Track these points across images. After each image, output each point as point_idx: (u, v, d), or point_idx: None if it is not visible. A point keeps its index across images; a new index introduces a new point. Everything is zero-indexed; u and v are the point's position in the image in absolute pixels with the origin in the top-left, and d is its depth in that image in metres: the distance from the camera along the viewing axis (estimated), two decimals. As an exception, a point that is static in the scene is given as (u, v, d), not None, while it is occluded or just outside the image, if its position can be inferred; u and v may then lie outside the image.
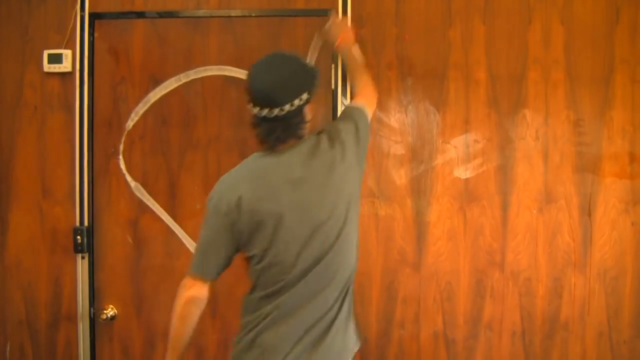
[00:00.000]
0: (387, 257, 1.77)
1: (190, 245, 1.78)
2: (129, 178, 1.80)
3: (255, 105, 1.33)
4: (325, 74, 1.76)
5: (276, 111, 1.30)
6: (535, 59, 1.76)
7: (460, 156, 1.76)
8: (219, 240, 1.33)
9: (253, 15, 1.78)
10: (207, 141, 1.79)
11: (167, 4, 1.81)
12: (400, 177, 1.76)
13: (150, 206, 1.79)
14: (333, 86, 1.76)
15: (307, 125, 1.37)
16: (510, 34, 1.76)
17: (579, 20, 1.76)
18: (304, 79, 1.35)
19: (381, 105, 1.77)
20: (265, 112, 1.31)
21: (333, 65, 1.75)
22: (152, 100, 1.79)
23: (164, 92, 1.79)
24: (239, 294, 1.76)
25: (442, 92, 1.77)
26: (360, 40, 1.75)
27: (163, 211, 1.79)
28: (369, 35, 1.77)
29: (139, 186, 1.79)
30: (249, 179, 1.33)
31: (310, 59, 1.76)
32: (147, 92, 1.80)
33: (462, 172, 1.76)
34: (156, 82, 1.80)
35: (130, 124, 1.80)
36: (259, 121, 1.34)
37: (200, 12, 1.80)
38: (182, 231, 1.79)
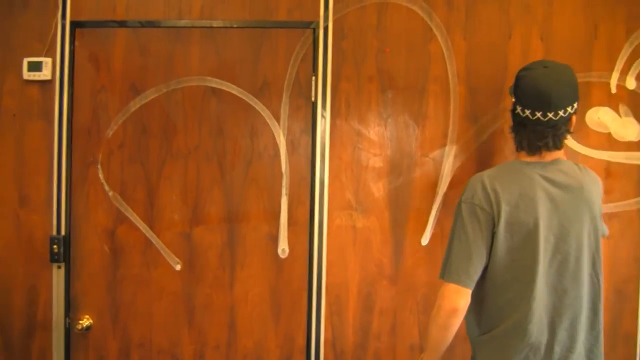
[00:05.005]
0: (365, 269, 1.77)
1: (168, 255, 1.78)
2: (107, 187, 1.79)
3: (528, 107, 1.35)
4: (306, 86, 1.77)
5: (551, 115, 1.33)
6: (515, 74, 1.77)
7: (438, 169, 1.77)
8: (481, 241, 1.34)
9: (235, 26, 1.79)
10: (187, 151, 1.78)
11: (149, 14, 1.81)
12: (378, 189, 1.77)
13: (129, 216, 1.78)
14: (313, 98, 1.76)
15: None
16: (490, 48, 1.78)
17: (557, 36, 1.77)
18: (576, 87, 1.38)
19: (361, 118, 1.77)
20: (538, 114, 1.33)
21: (313, 77, 1.76)
22: (132, 110, 1.79)
23: (144, 101, 1.79)
24: (217, 304, 1.78)
25: (422, 106, 1.78)
26: (341, 53, 1.77)
27: (141, 221, 1.78)
28: (350, 48, 1.77)
29: (117, 195, 1.79)
30: (510, 182, 1.36)
31: (290, 71, 1.76)
32: (127, 101, 1.79)
33: (441, 185, 1.77)
34: (136, 92, 1.79)
35: (109, 133, 1.80)
36: (527, 124, 1.37)
37: (182, 22, 1.80)
38: (159, 241, 1.78)
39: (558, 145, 1.40)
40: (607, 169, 1.77)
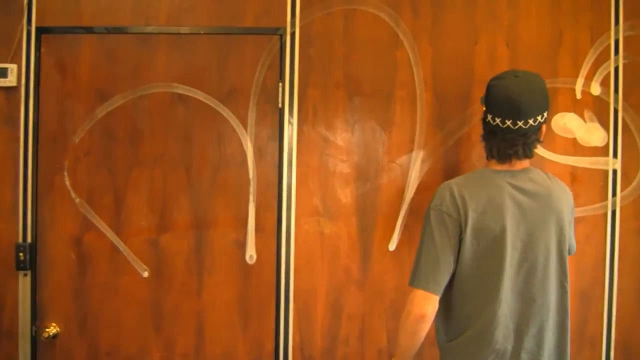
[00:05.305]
0: (332, 275, 1.77)
1: (135, 262, 1.77)
2: (73, 194, 1.78)
3: (498, 115, 1.36)
4: (273, 92, 1.77)
5: (521, 123, 1.33)
6: (481, 80, 1.79)
7: (405, 175, 1.78)
8: (449, 248, 1.34)
9: (202, 32, 1.79)
10: (154, 158, 1.78)
11: (116, 20, 1.80)
12: (346, 195, 1.77)
13: (95, 223, 1.77)
14: (280, 104, 1.77)
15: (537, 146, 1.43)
16: (457, 55, 1.79)
17: (523, 42, 1.79)
18: (546, 97, 1.39)
19: (328, 124, 1.78)
20: (509, 123, 1.34)
21: (280, 84, 1.76)
22: (99, 116, 1.78)
23: (110, 108, 1.78)
24: (185, 311, 1.78)
25: (389, 112, 1.78)
26: (308, 59, 1.78)
27: (108, 228, 1.77)
28: (317, 54, 1.78)
29: (84, 203, 1.78)
30: (478, 189, 1.37)
31: (257, 78, 1.77)
32: (93, 107, 1.78)
33: (408, 191, 1.78)
34: (103, 98, 1.78)
35: (76, 139, 1.78)
36: (498, 133, 1.38)
37: (149, 29, 1.79)
38: (126, 248, 1.77)
39: (528, 154, 1.42)
40: (572, 174, 1.79)
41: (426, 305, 1.34)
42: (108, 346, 1.78)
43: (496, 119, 1.38)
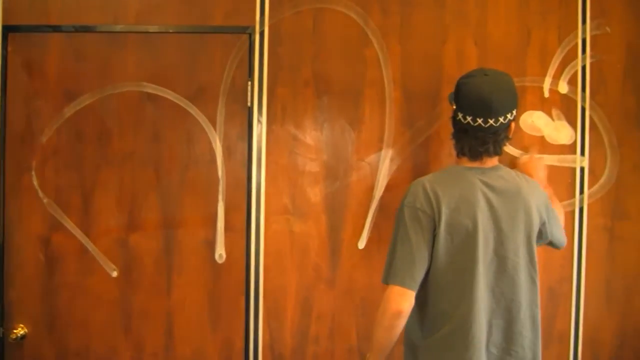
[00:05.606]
0: (302, 274, 1.78)
1: (104, 262, 1.76)
2: (41, 194, 1.76)
3: (469, 114, 1.37)
4: (242, 91, 1.77)
5: (492, 121, 1.35)
6: (450, 78, 1.80)
7: (374, 173, 1.79)
8: (423, 244, 1.35)
9: (171, 31, 1.78)
10: (122, 157, 1.77)
11: (84, 19, 1.78)
12: (315, 194, 1.78)
13: (64, 223, 1.76)
14: (249, 103, 1.77)
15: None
16: (425, 53, 1.80)
17: (492, 41, 1.80)
18: (515, 95, 1.41)
19: (297, 123, 1.78)
20: (480, 121, 1.35)
21: (249, 82, 1.76)
22: (67, 115, 1.77)
23: (78, 107, 1.77)
24: (154, 311, 1.77)
25: (358, 110, 1.79)
26: (277, 58, 1.78)
27: (76, 228, 1.76)
28: (286, 53, 1.78)
29: (52, 202, 1.76)
30: (451, 186, 1.39)
31: (226, 77, 1.76)
32: (61, 107, 1.77)
33: (377, 189, 1.78)
34: (71, 97, 1.77)
35: (43, 139, 1.77)
36: (469, 131, 1.39)
37: (118, 28, 1.78)
38: (95, 248, 1.76)
39: (498, 151, 1.45)
40: (540, 172, 1.80)
41: (403, 302, 1.34)
42: (77, 347, 1.77)
43: (467, 117, 1.39)
